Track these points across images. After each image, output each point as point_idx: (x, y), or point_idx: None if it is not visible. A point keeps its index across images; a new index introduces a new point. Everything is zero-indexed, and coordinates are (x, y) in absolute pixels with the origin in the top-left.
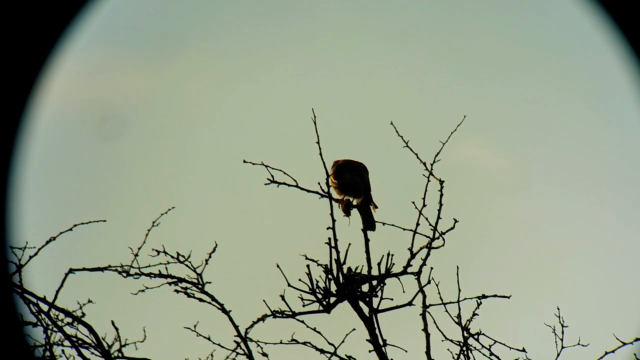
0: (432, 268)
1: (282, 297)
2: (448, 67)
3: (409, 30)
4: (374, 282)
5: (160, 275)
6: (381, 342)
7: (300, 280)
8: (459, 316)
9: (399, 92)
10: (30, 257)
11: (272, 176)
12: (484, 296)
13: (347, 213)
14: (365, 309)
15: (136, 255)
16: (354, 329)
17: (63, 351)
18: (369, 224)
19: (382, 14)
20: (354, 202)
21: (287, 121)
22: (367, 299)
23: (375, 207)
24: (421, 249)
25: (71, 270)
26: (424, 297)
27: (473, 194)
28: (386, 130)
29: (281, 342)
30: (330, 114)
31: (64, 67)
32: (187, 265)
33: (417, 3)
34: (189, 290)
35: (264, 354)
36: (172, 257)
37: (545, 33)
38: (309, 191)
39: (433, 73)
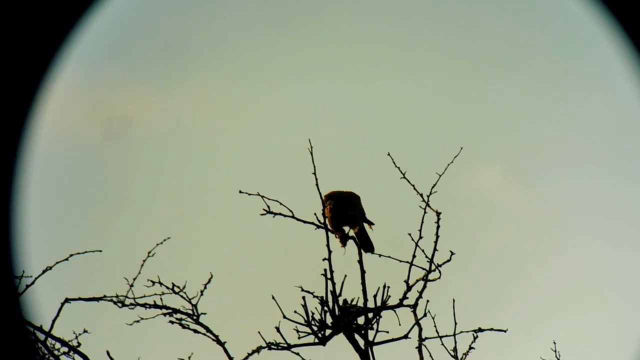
0: (428, 301)
1: (277, 328)
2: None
3: (407, 48)
4: (370, 315)
5: (155, 305)
6: None
7: (295, 312)
8: (455, 349)
9: (401, 119)
10: (27, 286)
11: (268, 207)
12: (480, 330)
13: (344, 243)
14: (361, 342)
15: (131, 285)
16: None
17: None
18: (367, 246)
19: (382, 30)
20: (350, 233)
21: (283, 151)
22: (363, 332)
23: (372, 224)
24: (417, 281)
25: (67, 300)
26: (420, 329)
27: (471, 226)
28: (385, 160)
29: None
30: (328, 145)
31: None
32: (182, 296)
33: (414, 17)
34: (183, 321)
35: None
36: (168, 287)
37: (544, 34)
38: (305, 222)
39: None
